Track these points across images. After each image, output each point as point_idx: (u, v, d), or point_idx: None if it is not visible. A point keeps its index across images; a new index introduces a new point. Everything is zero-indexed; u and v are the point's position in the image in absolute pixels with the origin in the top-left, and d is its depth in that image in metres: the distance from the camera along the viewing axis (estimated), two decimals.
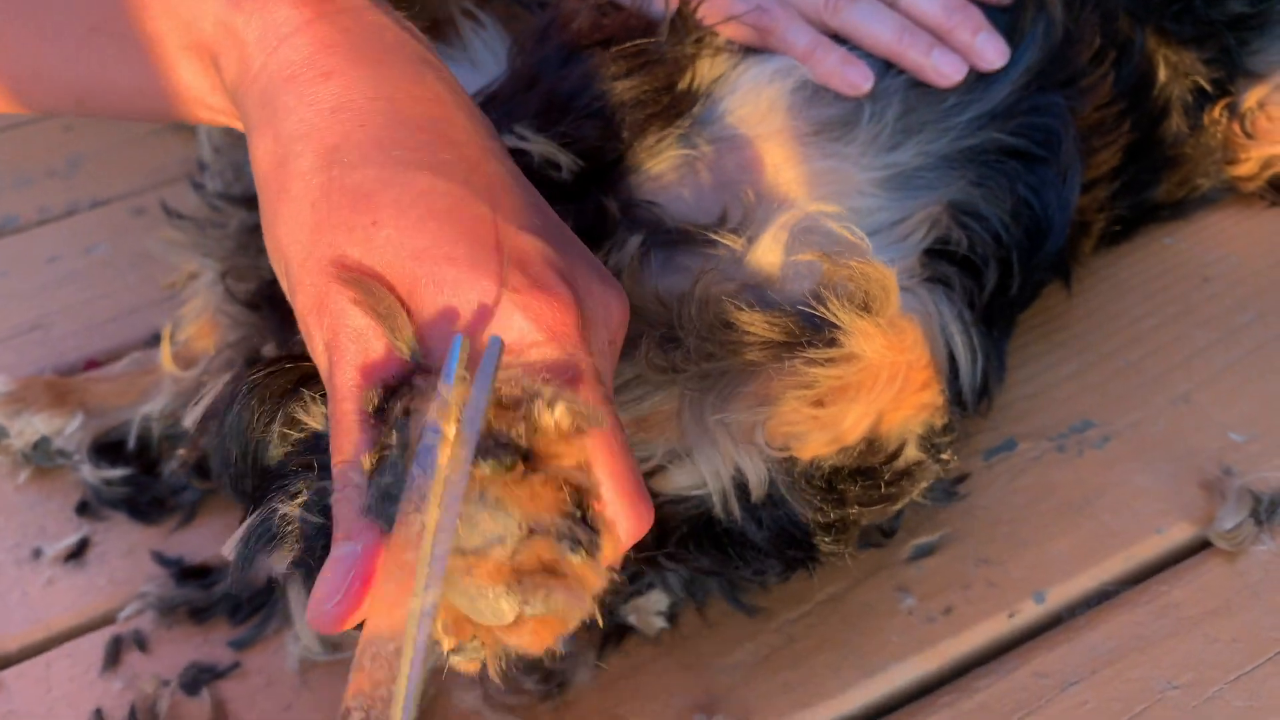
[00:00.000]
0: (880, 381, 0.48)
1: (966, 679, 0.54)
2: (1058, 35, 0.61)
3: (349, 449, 0.36)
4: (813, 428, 0.48)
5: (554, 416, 0.34)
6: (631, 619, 0.55)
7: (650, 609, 0.54)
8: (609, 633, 0.56)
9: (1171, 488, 0.61)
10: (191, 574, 0.61)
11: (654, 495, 0.47)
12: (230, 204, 0.66)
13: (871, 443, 0.49)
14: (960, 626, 0.56)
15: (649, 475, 0.49)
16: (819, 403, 0.48)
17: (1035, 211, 0.59)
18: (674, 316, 0.48)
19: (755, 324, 0.47)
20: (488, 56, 0.63)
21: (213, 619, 0.59)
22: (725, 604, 0.57)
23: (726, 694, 0.54)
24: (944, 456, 0.53)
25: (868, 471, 0.49)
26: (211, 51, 0.42)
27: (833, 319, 0.47)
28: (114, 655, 0.58)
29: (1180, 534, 0.59)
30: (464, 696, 0.54)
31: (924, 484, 0.53)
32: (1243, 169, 0.77)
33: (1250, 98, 0.75)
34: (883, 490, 0.50)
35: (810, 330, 0.47)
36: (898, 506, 0.52)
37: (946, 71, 0.58)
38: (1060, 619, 0.56)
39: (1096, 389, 0.67)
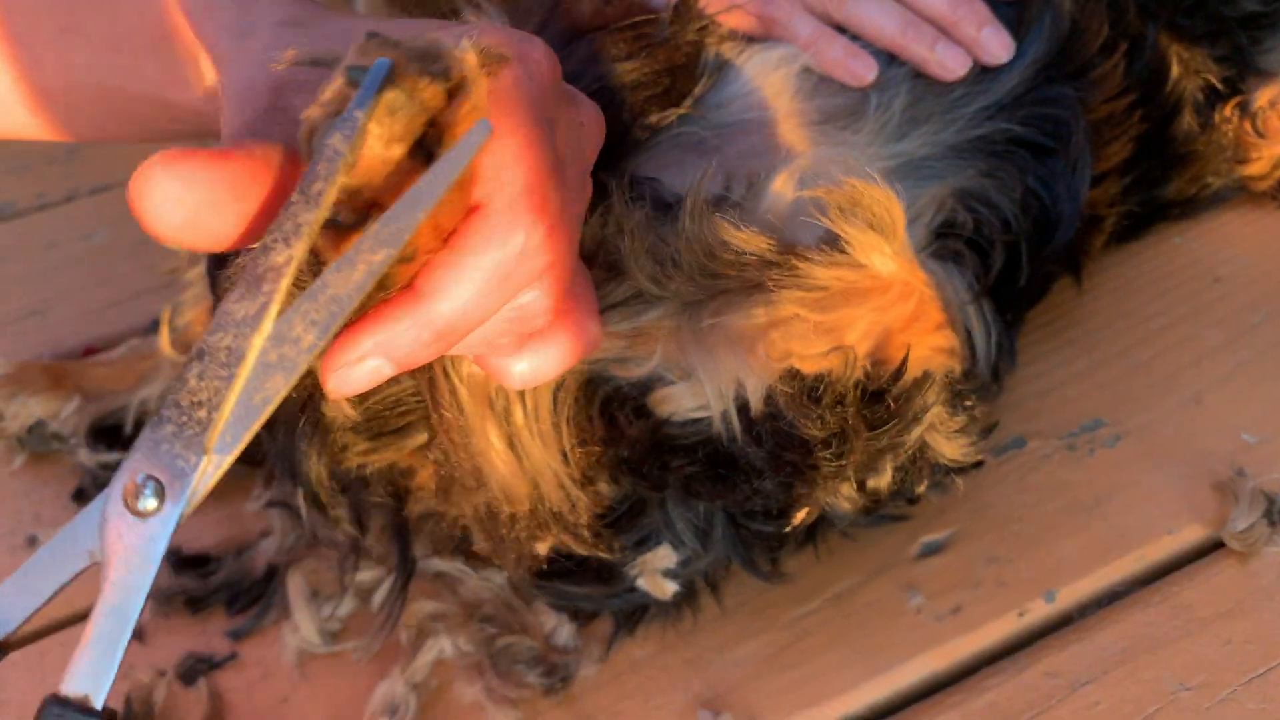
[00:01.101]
0: (889, 295, 0.47)
1: (976, 678, 0.53)
2: (1065, 26, 0.61)
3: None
4: (814, 334, 0.46)
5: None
6: (641, 582, 0.52)
7: (658, 565, 0.51)
8: (615, 625, 0.55)
9: (1183, 488, 0.60)
10: (189, 564, 0.61)
11: (665, 426, 0.46)
12: None
13: (879, 364, 0.47)
14: (969, 625, 0.55)
15: (652, 394, 0.47)
16: (821, 307, 0.46)
17: (1044, 202, 0.59)
18: (669, 236, 0.47)
19: (750, 241, 0.46)
20: None
21: (209, 609, 0.59)
22: (728, 599, 0.56)
23: (732, 690, 0.53)
24: (968, 403, 0.51)
25: (876, 394, 0.47)
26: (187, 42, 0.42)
27: (838, 231, 0.45)
28: None
29: (1192, 535, 0.58)
30: (465, 690, 0.54)
31: (954, 429, 0.50)
32: (1254, 168, 0.76)
33: (1262, 96, 0.74)
34: (891, 409, 0.47)
35: (813, 247, 0.46)
36: (912, 435, 0.48)
37: (950, 66, 0.58)
38: (1071, 619, 0.55)
39: (1107, 388, 0.66)
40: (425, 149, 0.32)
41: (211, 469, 0.30)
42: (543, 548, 0.49)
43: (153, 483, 0.30)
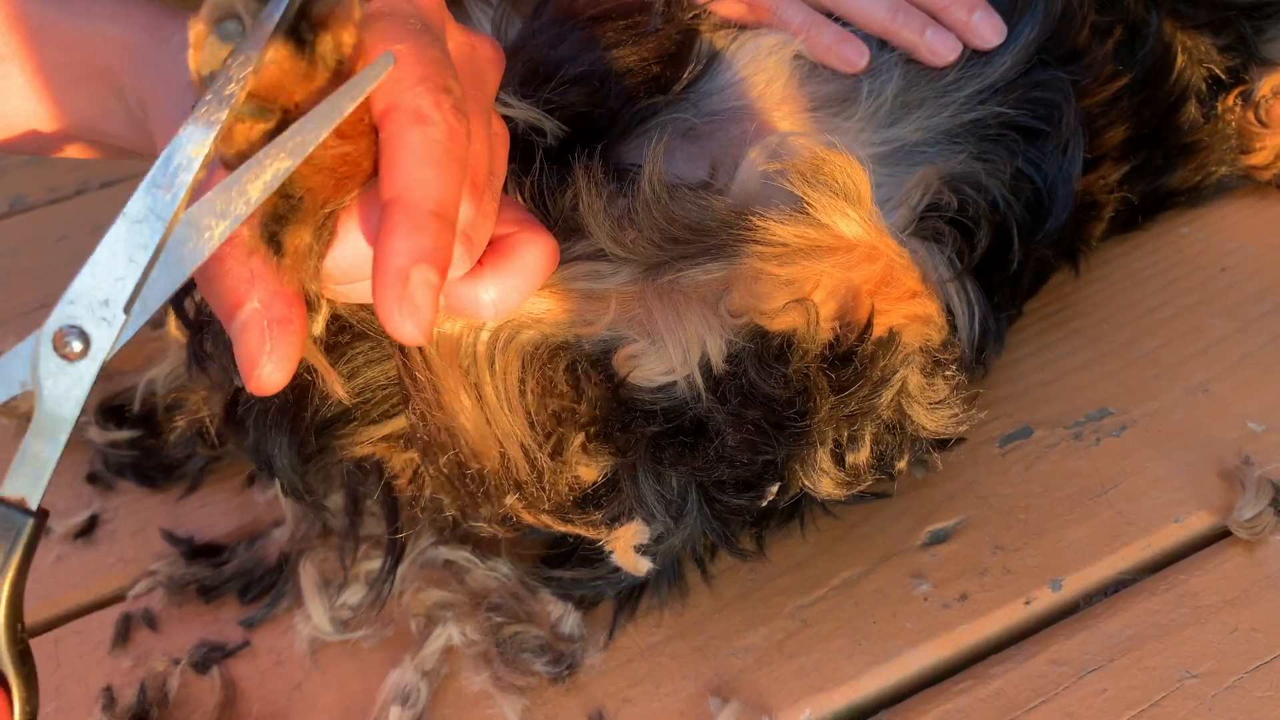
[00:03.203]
0: (853, 255, 0.46)
1: (983, 665, 0.53)
2: (1057, 10, 0.61)
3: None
4: (775, 288, 0.46)
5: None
6: (615, 557, 0.51)
7: (630, 541, 0.50)
8: (619, 610, 0.56)
9: (1190, 477, 0.60)
10: (201, 552, 0.61)
11: (631, 391, 0.47)
12: None
13: (846, 326, 0.47)
14: (976, 613, 0.55)
15: (615, 355, 0.47)
16: (781, 261, 0.46)
17: (1037, 185, 0.59)
18: (631, 203, 0.47)
19: (710, 203, 0.46)
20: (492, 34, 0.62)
21: (222, 598, 0.59)
22: (735, 586, 0.57)
23: (739, 677, 0.54)
24: (948, 374, 0.50)
25: (843, 355, 0.46)
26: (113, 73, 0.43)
27: (801, 195, 0.46)
28: (123, 633, 0.58)
29: (1199, 523, 0.59)
30: (473, 678, 0.54)
31: (933, 399, 0.50)
32: (1257, 158, 0.76)
33: (1265, 86, 0.74)
34: (857, 370, 0.46)
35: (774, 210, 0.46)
36: (884, 400, 0.48)
37: (940, 51, 0.58)
38: (1078, 607, 0.56)
39: (1113, 377, 0.66)
40: (329, 65, 0.35)
41: (127, 327, 0.35)
42: (510, 503, 0.49)
43: (77, 331, 0.35)
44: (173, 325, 0.66)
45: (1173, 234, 0.75)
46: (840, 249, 0.46)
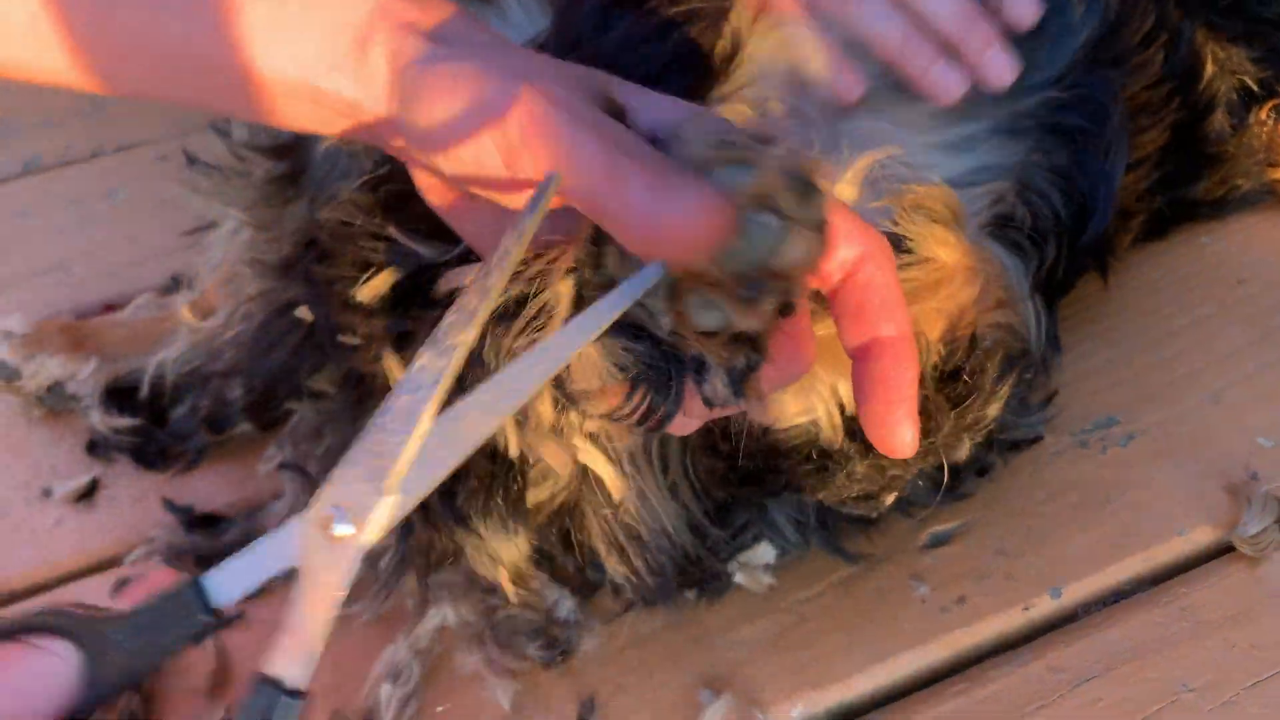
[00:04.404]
0: (956, 281, 0.48)
1: (979, 670, 0.53)
2: (1112, 11, 0.60)
3: None
4: None
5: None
6: (740, 578, 0.55)
7: (758, 562, 0.54)
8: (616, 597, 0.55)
9: (1195, 490, 0.60)
10: (201, 522, 0.61)
11: (774, 434, 0.48)
12: (256, 153, 0.66)
13: (952, 345, 0.49)
14: (973, 617, 0.55)
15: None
16: None
17: (1080, 188, 0.58)
18: None
19: None
20: (522, 16, 0.62)
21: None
22: None
23: (733, 670, 0.53)
24: (1026, 377, 0.53)
25: (951, 372, 0.48)
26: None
27: (903, 232, 0.47)
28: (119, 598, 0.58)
29: (1202, 537, 0.58)
30: (466, 660, 0.54)
31: (1006, 395, 0.52)
32: None
33: None
34: (969, 384, 0.49)
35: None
36: (991, 412, 0.51)
37: (945, 86, 0.55)
38: (1076, 615, 0.55)
39: (1124, 386, 0.66)
40: None
41: (392, 508, 0.35)
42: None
43: (342, 513, 0.34)
44: (185, 310, 0.66)
45: (1192, 244, 0.74)
46: (945, 280, 0.47)
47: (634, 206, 0.35)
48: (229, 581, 0.36)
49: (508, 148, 0.37)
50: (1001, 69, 0.56)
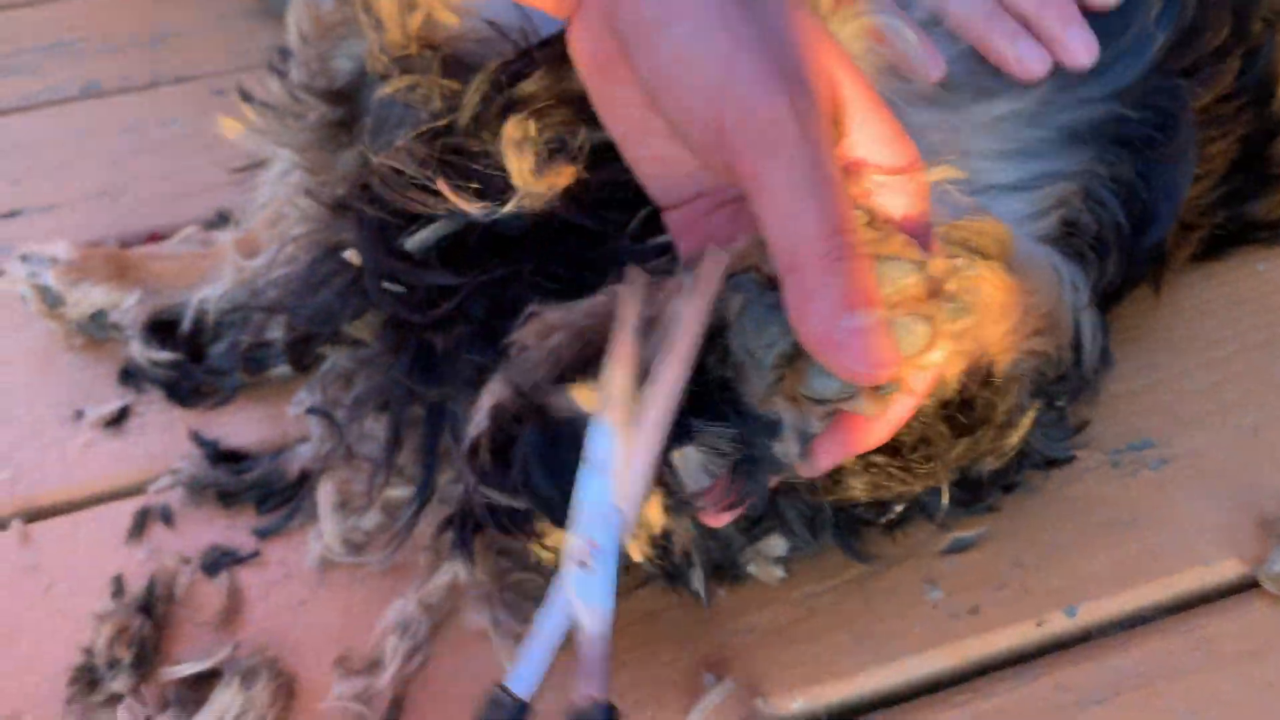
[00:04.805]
0: (989, 317, 0.47)
1: (985, 681, 0.53)
2: (1189, 18, 0.59)
3: None
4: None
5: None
6: (752, 568, 0.55)
7: (770, 554, 0.54)
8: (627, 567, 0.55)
9: (1224, 521, 0.59)
10: (226, 457, 0.62)
11: None
12: (312, 96, 0.66)
13: (970, 374, 0.48)
14: (985, 627, 0.54)
15: None
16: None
17: (1142, 197, 0.57)
18: None
19: None
20: None
21: (240, 505, 0.60)
22: None
23: (737, 656, 0.53)
24: (1059, 404, 0.52)
25: (967, 402, 0.48)
26: None
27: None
28: (140, 526, 0.59)
29: (1227, 570, 0.57)
30: (473, 618, 0.54)
31: (1028, 425, 0.52)
32: None
33: None
34: (976, 416, 0.49)
35: None
36: (1010, 442, 0.51)
37: (1030, 64, 0.55)
38: (1089, 636, 0.55)
39: (1162, 409, 0.64)
40: None
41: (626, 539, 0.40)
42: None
43: (592, 548, 0.40)
44: (231, 245, 0.66)
45: (1247, 268, 0.72)
46: (972, 329, 0.47)
47: (815, 316, 0.36)
48: (526, 675, 0.40)
49: (733, 143, 0.37)
50: (1081, 49, 0.56)
